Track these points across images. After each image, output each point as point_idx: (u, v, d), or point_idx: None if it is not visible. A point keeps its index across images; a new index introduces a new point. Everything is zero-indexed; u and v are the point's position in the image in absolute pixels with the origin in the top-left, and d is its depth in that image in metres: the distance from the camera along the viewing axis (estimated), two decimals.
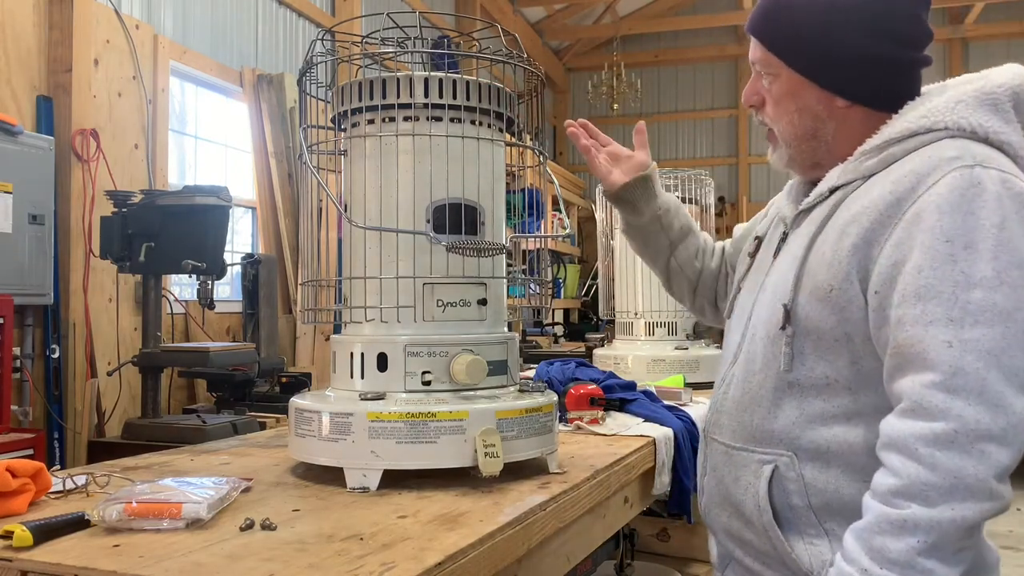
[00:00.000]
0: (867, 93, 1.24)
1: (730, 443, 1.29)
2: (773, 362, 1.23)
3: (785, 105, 1.29)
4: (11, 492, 1.25)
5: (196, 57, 4.48)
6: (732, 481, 1.27)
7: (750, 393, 1.26)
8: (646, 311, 3.07)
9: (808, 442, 1.19)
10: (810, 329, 1.18)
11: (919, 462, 1.01)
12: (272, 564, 1.03)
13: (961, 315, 1.03)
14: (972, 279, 1.03)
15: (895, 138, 1.17)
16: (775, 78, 1.28)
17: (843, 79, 1.24)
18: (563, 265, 8.09)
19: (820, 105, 1.25)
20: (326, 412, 1.45)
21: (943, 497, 0.99)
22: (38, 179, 3.33)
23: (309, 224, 1.67)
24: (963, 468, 0.99)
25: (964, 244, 1.05)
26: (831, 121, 1.26)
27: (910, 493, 1.01)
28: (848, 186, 1.21)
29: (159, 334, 3.19)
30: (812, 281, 1.18)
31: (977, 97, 1.17)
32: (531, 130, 1.70)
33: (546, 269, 1.75)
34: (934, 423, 1.01)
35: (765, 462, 1.22)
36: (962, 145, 1.12)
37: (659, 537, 3.16)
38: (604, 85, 8.98)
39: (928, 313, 1.04)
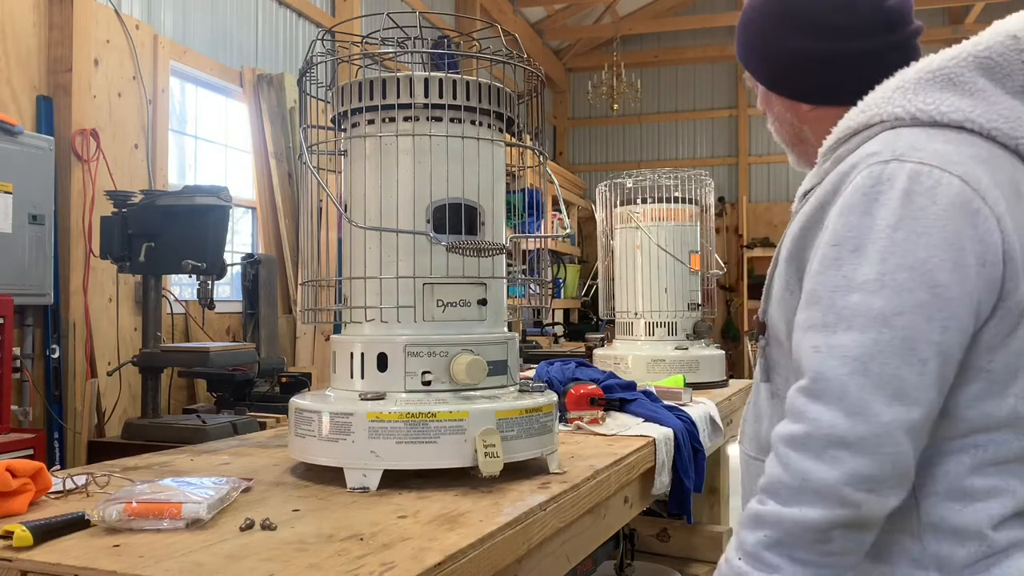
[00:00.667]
0: (825, 93, 1.21)
1: (748, 452, 1.29)
2: (761, 374, 1.24)
3: (769, 115, 1.32)
4: (11, 492, 1.25)
5: (196, 57, 4.48)
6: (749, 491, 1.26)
7: (757, 404, 1.27)
8: (646, 311, 3.07)
9: None
10: (776, 340, 1.18)
11: (778, 461, 1.02)
12: (272, 564, 1.03)
13: (834, 320, 1.00)
14: (853, 283, 1.00)
15: (842, 138, 1.13)
16: (757, 90, 1.31)
17: (796, 85, 1.23)
18: (563, 265, 8.09)
19: (789, 112, 1.27)
20: (326, 412, 1.45)
21: (792, 496, 1.00)
22: (38, 179, 3.33)
23: (309, 224, 1.67)
24: (811, 471, 0.98)
25: (853, 247, 1.01)
26: (804, 125, 1.25)
27: (769, 490, 1.03)
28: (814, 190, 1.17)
29: (159, 334, 3.19)
30: (773, 292, 1.18)
31: (921, 78, 1.08)
32: (531, 130, 1.70)
33: (546, 269, 1.75)
34: (794, 425, 1.01)
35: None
36: (889, 137, 1.06)
37: (659, 537, 3.16)
38: (604, 85, 8.98)
39: (809, 319, 1.03)
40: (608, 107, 9.23)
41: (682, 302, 3.07)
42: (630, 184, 3.12)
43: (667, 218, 3.07)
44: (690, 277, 3.09)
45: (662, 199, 3.07)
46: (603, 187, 3.22)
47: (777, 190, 10.35)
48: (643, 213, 3.08)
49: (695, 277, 3.11)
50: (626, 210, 3.13)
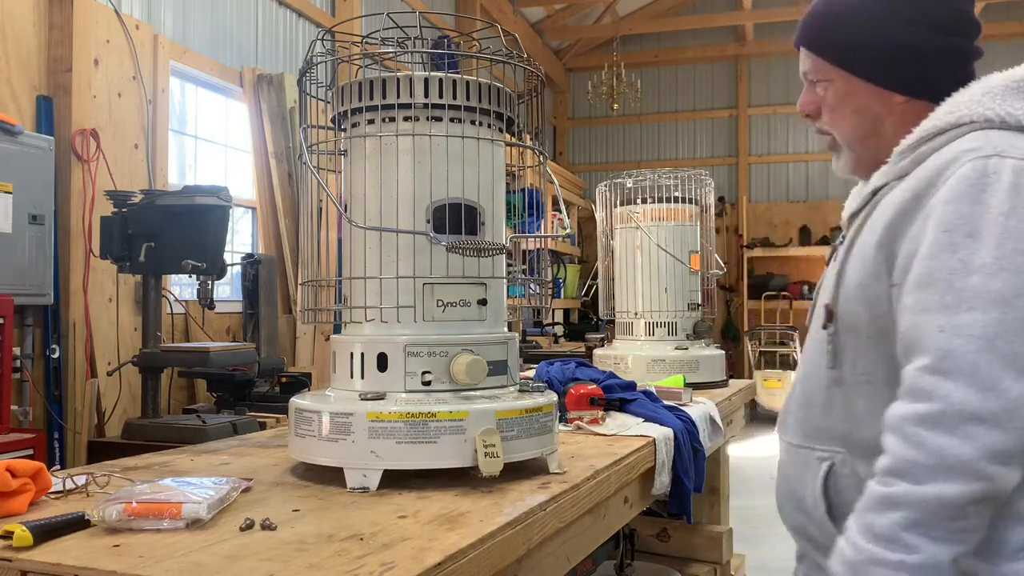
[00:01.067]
0: (922, 86, 1.25)
1: (793, 441, 1.31)
2: (821, 361, 1.26)
3: (842, 108, 1.30)
4: (11, 492, 1.25)
5: (196, 57, 4.48)
6: (796, 479, 1.30)
7: (808, 392, 1.29)
8: (646, 311, 3.07)
9: (860, 439, 1.20)
10: (849, 327, 1.21)
11: (906, 441, 1.03)
12: (272, 564, 1.03)
13: (955, 301, 1.04)
14: (971, 266, 1.04)
15: (925, 136, 1.18)
16: (829, 84, 1.30)
17: (897, 75, 1.25)
18: (563, 265, 8.09)
19: (878, 104, 1.27)
20: (326, 412, 1.45)
21: (927, 475, 1.01)
22: (38, 179, 3.33)
23: (309, 224, 1.67)
24: (946, 447, 1.00)
25: (966, 232, 1.06)
26: (890, 118, 1.27)
27: (898, 471, 1.04)
28: (886, 187, 1.22)
29: (159, 334, 3.19)
30: (849, 280, 1.21)
31: (1007, 85, 1.17)
32: (531, 130, 1.70)
33: (546, 269, 1.75)
34: (922, 404, 1.03)
35: (823, 459, 1.24)
36: (984, 136, 1.13)
37: (659, 537, 3.15)
38: (604, 85, 8.98)
39: (924, 301, 1.07)
40: (608, 107, 9.24)
41: (682, 302, 3.07)
42: (630, 184, 3.12)
43: (667, 218, 3.07)
44: (690, 277, 3.09)
45: (662, 199, 3.07)
46: (603, 187, 3.22)
47: (777, 190, 10.35)
48: (643, 213, 3.08)
49: (695, 277, 3.11)
50: (626, 210, 3.13)
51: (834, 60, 1.29)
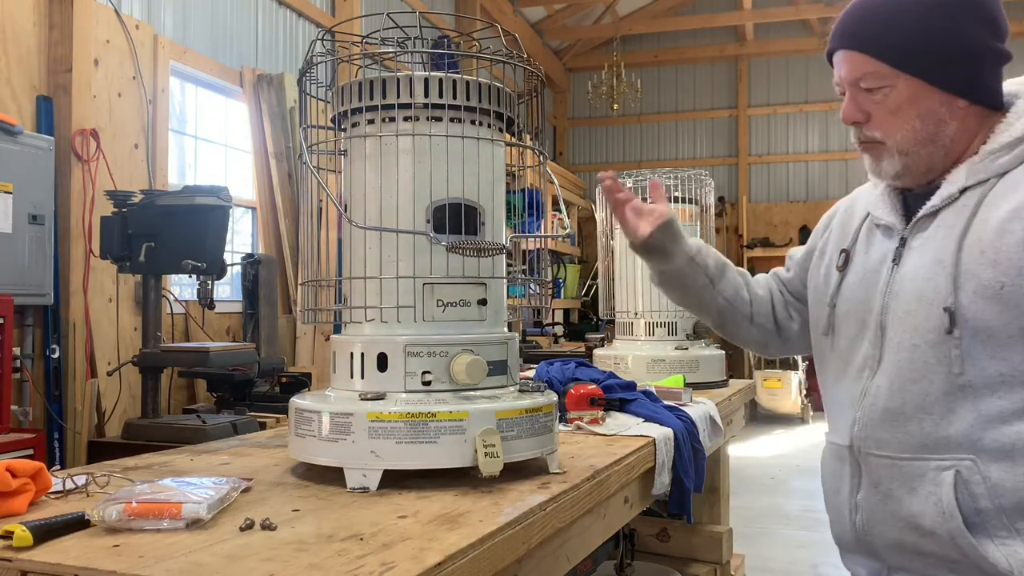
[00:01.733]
0: (983, 90, 1.25)
1: (897, 455, 1.26)
2: (938, 367, 1.21)
3: (905, 113, 1.27)
4: (11, 492, 1.25)
5: (196, 57, 4.48)
6: (906, 493, 1.24)
7: (912, 402, 1.24)
8: (646, 311, 3.07)
9: (991, 442, 1.17)
10: (980, 328, 1.18)
11: None
12: (272, 564, 1.03)
13: None
14: None
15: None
16: (891, 88, 1.27)
17: (964, 79, 1.25)
18: (563, 265, 8.09)
19: (943, 108, 1.26)
20: (326, 412, 1.45)
21: None
22: (38, 179, 3.33)
23: (309, 224, 1.67)
24: None
25: None
26: (952, 122, 1.26)
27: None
28: (981, 186, 1.22)
29: (159, 334, 3.19)
30: (974, 281, 1.18)
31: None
32: (531, 130, 1.70)
33: (546, 269, 1.75)
34: None
35: (944, 468, 1.20)
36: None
37: (659, 537, 3.15)
38: (604, 85, 8.98)
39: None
40: (608, 107, 9.24)
41: None
42: (630, 184, 3.12)
43: None
44: None
45: None
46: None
47: (777, 190, 10.35)
48: None
49: None
50: None
51: (898, 63, 1.25)
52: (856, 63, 1.29)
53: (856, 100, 1.31)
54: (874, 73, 1.27)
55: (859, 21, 1.29)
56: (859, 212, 1.45)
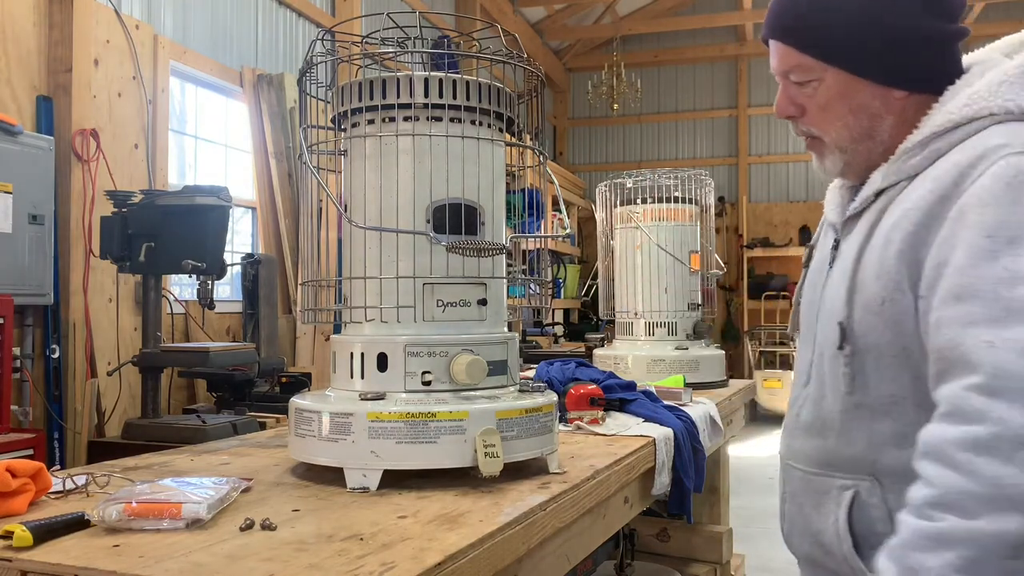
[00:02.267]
0: (922, 77, 1.15)
1: (807, 468, 1.21)
2: (837, 384, 1.16)
3: (837, 109, 1.18)
4: (11, 492, 1.25)
5: (196, 57, 4.48)
6: (813, 508, 1.20)
7: (822, 417, 1.19)
8: (646, 311, 3.07)
9: (886, 465, 1.11)
10: (869, 346, 1.11)
11: (956, 470, 0.92)
12: (272, 564, 1.03)
13: (1004, 314, 0.94)
14: (1016, 275, 0.95)
15: (938, 131, 1.09)
16: (819, 82, 1.18)
17: (898, 68, 1.15)
18: (563, 265, 8.09)
19: (877, 101, 1.16)
20: (326, 412, 1.45)
21: (982, 507, 0.89)
22: (38, 179, 3.33)
23: (309, 224, 1.67)
24: (1004, 476, 0.89)
25: (1008, 239, 0.96)
26: (889, 116, 1.17)
27: (946, 503, 0.92)
28: (893, 188, 1.13)
29: (159, 334, 3.19)
30: (864, 295, 1.11)
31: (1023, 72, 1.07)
32: (531, 130, 1.70)
33: (546, 269, 1.75)
34: (973, 427, 0.92)
35: (846, 488, 1.15)
36: (1010, 130, 1.04)
37: (659, 537, 3.16)
38: (604, 85, 8.99)
39: (968, 314, 0.97)
40: (608, 107, 9.24)
41: (682, 302, 3.07)
42: (630, 184, 3.12)
43: (667, 218, 3.07)
44: (690, 277, 3.09)
45: (662, 199, 3.07)
46: (603, 187, 3.22)
47: (777, 190, 10.35)
48: (643, 213, 3.08)
49: (695, 277, 3.11)
50: (626, 210, 3.13)
51: (824, 56, 1.16)
52: (783, 55, 1.20)
53: (788, 92, 1.22)
54: (800, 66, 1.19)
55: (785, 9, 1.20)
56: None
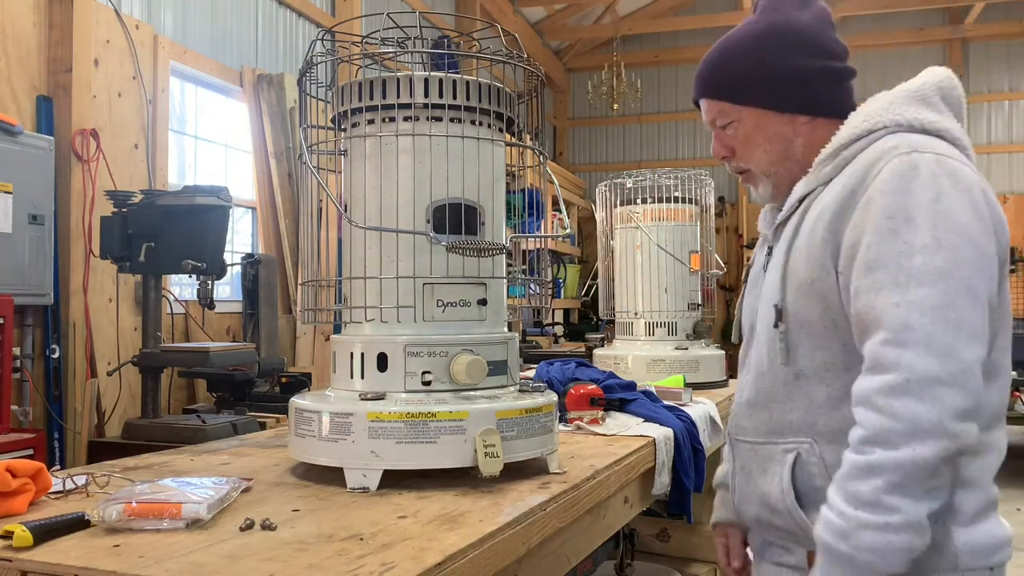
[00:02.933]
0: (820, 104, 1.38)
1: (754, 440, 1.39)
2: (775, 359, 1.34)
3: (755, 140, 1.42)
4: (11, 492, 1.25)
5: (196, 57, 4.48)
6: (760, 474, 1.37)
7: (763, 392, 1.37)
8: (646, 311, 3.07)
9: (823, 426, 1.28)
10: (801, 322, 1.30)
11: (879, 412, 1.12)
12: (272, 564, 1.03)
13: (905, 279, 1.15)
14: (913, 247, 1.16)
15: (844, 143, 1.31)
16: (739, 123, 1.42)
17: (797, 98, 1.38)
18: (563, 265, 8.09)
19: (787, 127, 1.40)
20: (326, 412, 1.45)
21: (903, 440, 1.10)
22: (38, 179, 3.33)
23: (309, 224, 1.67)
24: (918, 413, 1.10)
25: (904, 219, 1.17)
26: (798, 138, 1.39)
27: (875, 440, 1.12)
28: (812, 193, 1.33)
29: (159, 334, 3.19)
30: (795, 278, 1.30)
31: (907, 96, 1.32)
32: (531, 130, 1.70)
33: (546, 269, 1.75)
34: (888, 375, 1.12)
35: (788, 450, 1.32)
36: (901, 137, 1.26)
37: (659, 537, 3.16)
38: (604, 85, 8.98)
39: (878, 281, 1.17)
40: (608, 107, 9.23)
41: (682, 302, 3.07)
42: (630, 184, 3.12)
43: (667, 218, 3.07)
44: (690, 277, 3.09)
45: (662, 199, 3.07)
46: (603, 187, 3.22)
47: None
48: (643, 213, 3.08)
49: (695, 277, 3.11)
50: (626, 210, 3.13)
51: (738, 99, 1.41)
52: (708, 107, 1.46)
53: (719, 138, 1.46)
54: (722, 112, 1.43)
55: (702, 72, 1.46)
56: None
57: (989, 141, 9.38)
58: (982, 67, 9.33)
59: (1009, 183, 9.32)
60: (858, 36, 9.19)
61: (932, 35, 9.36)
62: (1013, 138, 9.33)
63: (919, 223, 1.17)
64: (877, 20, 9.31)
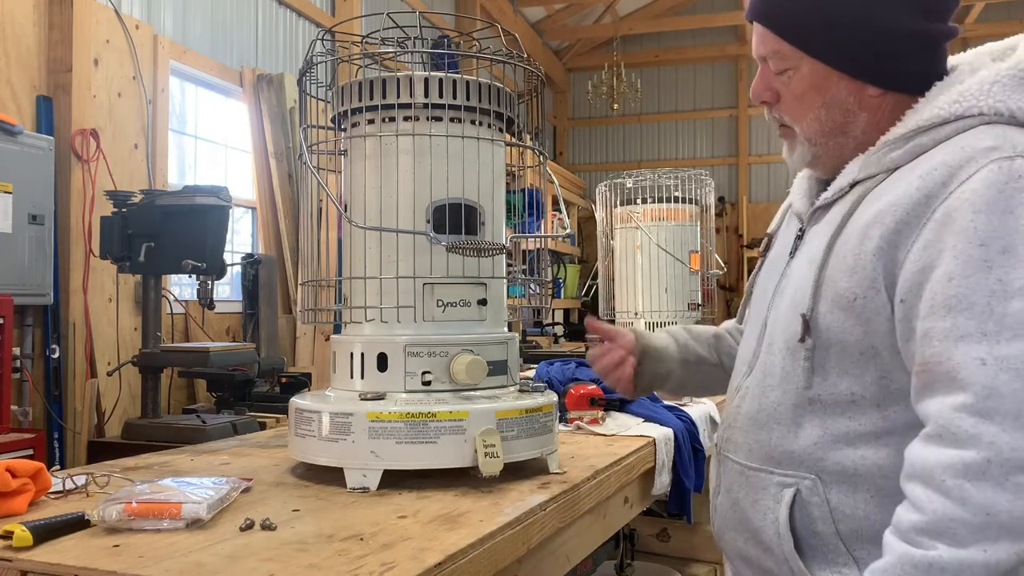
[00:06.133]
0: (901, 77, 1.11)
1: (746, 463, 1.18)
2: (792, 376, 1.12)
3: (810, 100, 1.16)
4: (11, 492, 1.25)
5: (196, 57, 4.48)
6: (749, 504, 1.16)
7: (767, 409, 1.16)
8: (646, 311, 3.07)
9: (833, 464, 1.08)
10: (832, 341, 1.08)
11: (946, 496, 0.90)
12: (272, 564, 1.03)
13: (997, 329, 0.91)
14: (1010, 288, 0.92)
15: (923, 126, 1.06)
16: (795, 71, 1.16)
17: (876, 65, 1.11)
18: (563, 265, 8.08)
19: (851, 97, 1.13)
20: (326, 412, 1.45)
21: (973, 536, 0.88)
22: (38, 179, 3.33)
23: (309, 224, 1.67)
24: (996, 503, 0.87)
25: (1001, 248, 0.93)
26: (863, 113, 1.14)
27: (936, 531, 0.90)
28: (870, 180, 1.09)
29: (159, 334, 3.19)
30: (833, 289, 1.07)
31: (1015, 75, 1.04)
32: (531, 130, 1.70)
33: (546, 269, 1.75)
34: (964, 451, 0.90)
35: (786, 485, 1.11)
36: (1000, 133, 1.01)
37: (659, 537, 3.15)
38: (604, 85, 8.98)
39: (959, 327, 0.93)
40: (608, 107, 9.23)
41: (682, 302, 3.07)
42: (630, 184, 3.12)
43: (667, 218, 3.07)
44: (690, 277, 3.09)
45: (662, 199, 3.07)
46: (603, 187, 3.22)
47: (777, 190, 10.34)
48: (643, 213, 3.08)
49: (695, 277, 3.10)
50: (626, 210, 3.13)
51: (802, 45, 1.14)
52: (763, 38, 1.18)
53: (765, 77, 1.21)
54: (778, 52, 1.17)
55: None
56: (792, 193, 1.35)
57: None
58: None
59: None
60: None
61: None
62: None
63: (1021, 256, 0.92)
64: None
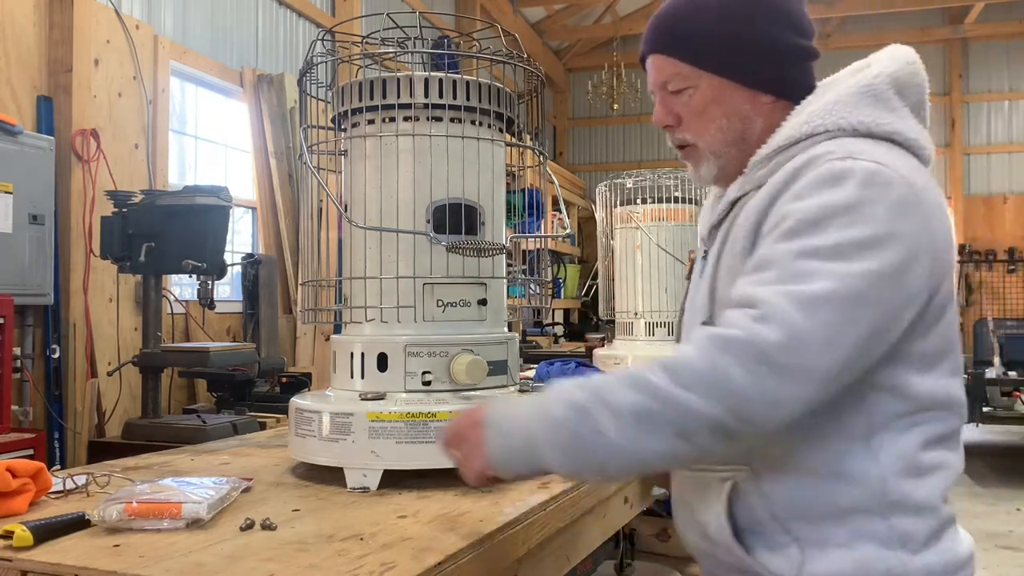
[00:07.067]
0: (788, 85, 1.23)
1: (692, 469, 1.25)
2: None
3: (711, 113, 1.25)
4: (11, 492, 1.25)
5: (196, 57, 4.48)
6: (698, 503, 1.24)
7: None
8: (646, 311, 3.07)
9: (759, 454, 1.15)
10: None
11: (699, 352, 1.02)
12: (272, 564, 1.03)
13: (790, 276, 1.03)
14: (808, 249, 1.03)
15: (783, 145, 1.18)
16: (695, 89, 1.24)
17: (767, 74, 1.23)
18: (563, 265, 8.09)
19: (747, 105, 1.23)
20: (326, 412, 1.45)
21: (695, 385, 1.00)
22: (38, 179, 3.33)
23: (309, 224, 1.67)
24: (731, 372, 0.99)
25: (811, 221, 1.05)
26: (759, 119, 1.23)
27: (672, 368, 1.02)
28: (745, 197, 1.20)
29: (159, 334, 3.19)
30: (723, 294, 1.17)
31: (855, 93, 1.17)
32: (531, 130, 1.70)
33: (546, 269, 1.75)
34: (730, 330, 1.02)
35: (725, 479, 1.19)
36: (840, 143, 1.13)
37: (659, 537, 3.15)
38: (604, 85, 8.98)
39: (762, 278, 1.05)
40: (608, 107, 9.23)
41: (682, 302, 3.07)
42: (630, 184, 3.12)
43: (667, 218, 3.07)
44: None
45: (662, 199, 3.07)
46: (603, 187, 3.22)
47: None
48: (643, 213, 3.08)
49: None
50: (626, 210, 3.13)
51: (701, 63, 1.23)
52: (660, 66, 1.27)
53: (665, 103, 1.28)
54: (677, 74, 1.25)
55: (661, 25, 1.27)
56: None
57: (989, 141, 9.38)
58: (982, 67, 9.33)
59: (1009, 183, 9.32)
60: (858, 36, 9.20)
61: (932, 35, 9.35)
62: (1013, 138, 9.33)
63: (825, 228, 1.04)
64: (877, 20, 9.31)
